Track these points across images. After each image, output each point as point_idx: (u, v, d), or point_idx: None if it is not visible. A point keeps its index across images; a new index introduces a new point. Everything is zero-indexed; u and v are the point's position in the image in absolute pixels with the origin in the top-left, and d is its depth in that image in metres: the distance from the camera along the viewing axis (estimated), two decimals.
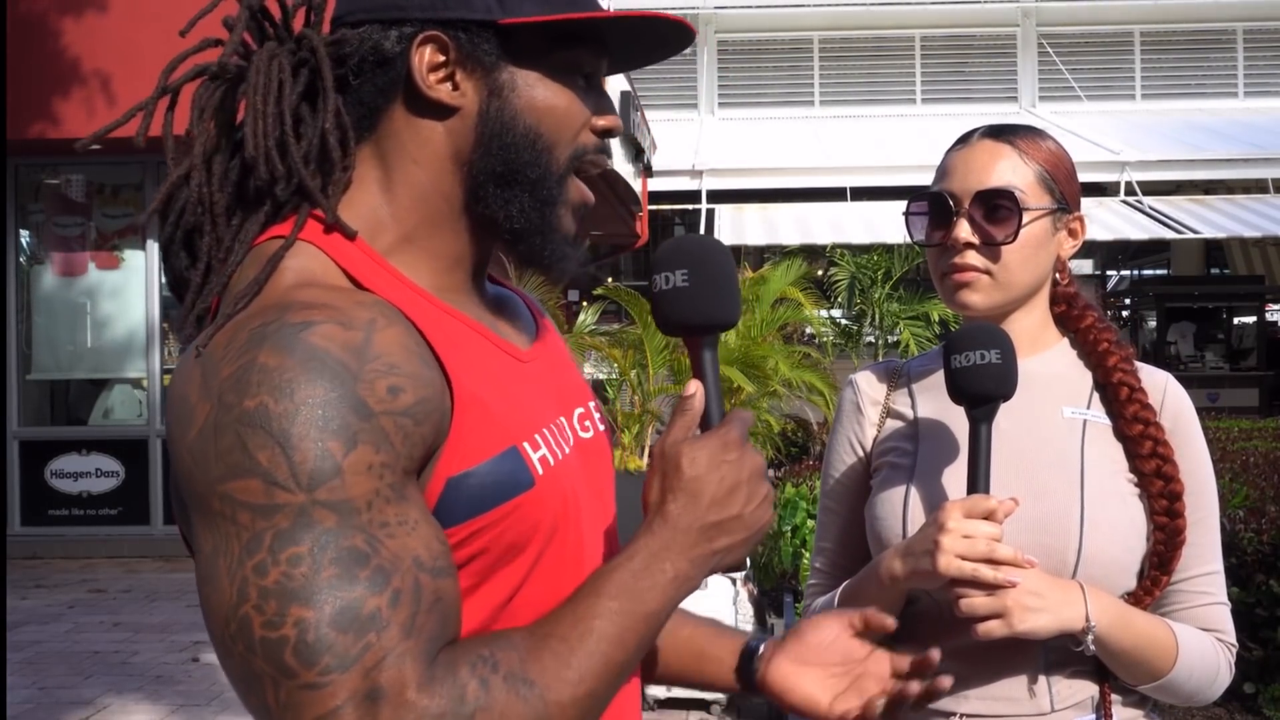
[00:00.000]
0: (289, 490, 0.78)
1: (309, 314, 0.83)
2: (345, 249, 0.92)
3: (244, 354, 0.81)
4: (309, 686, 0.76)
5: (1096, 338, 1.43)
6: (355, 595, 0.77)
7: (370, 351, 0.82)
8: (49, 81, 7.60)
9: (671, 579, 0.89)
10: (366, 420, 0.80)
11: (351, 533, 0.78)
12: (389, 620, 0.78)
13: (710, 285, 0.97)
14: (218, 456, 0.79)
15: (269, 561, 0.77)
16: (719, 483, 0.90)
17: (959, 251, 1.37)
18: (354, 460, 0.79)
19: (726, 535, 0.91)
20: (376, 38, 0.93)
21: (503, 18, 0.93)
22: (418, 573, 0.80)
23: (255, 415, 0.78)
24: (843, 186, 10.35)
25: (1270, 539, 3.90)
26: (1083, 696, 1.34)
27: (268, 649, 0.76)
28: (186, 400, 0.83)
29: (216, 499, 0.79)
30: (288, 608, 0.76)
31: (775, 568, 5.09)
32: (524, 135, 0.95)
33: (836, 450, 1.53)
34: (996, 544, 1.22)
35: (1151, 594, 1.34)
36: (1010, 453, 1.36)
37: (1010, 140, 1.40)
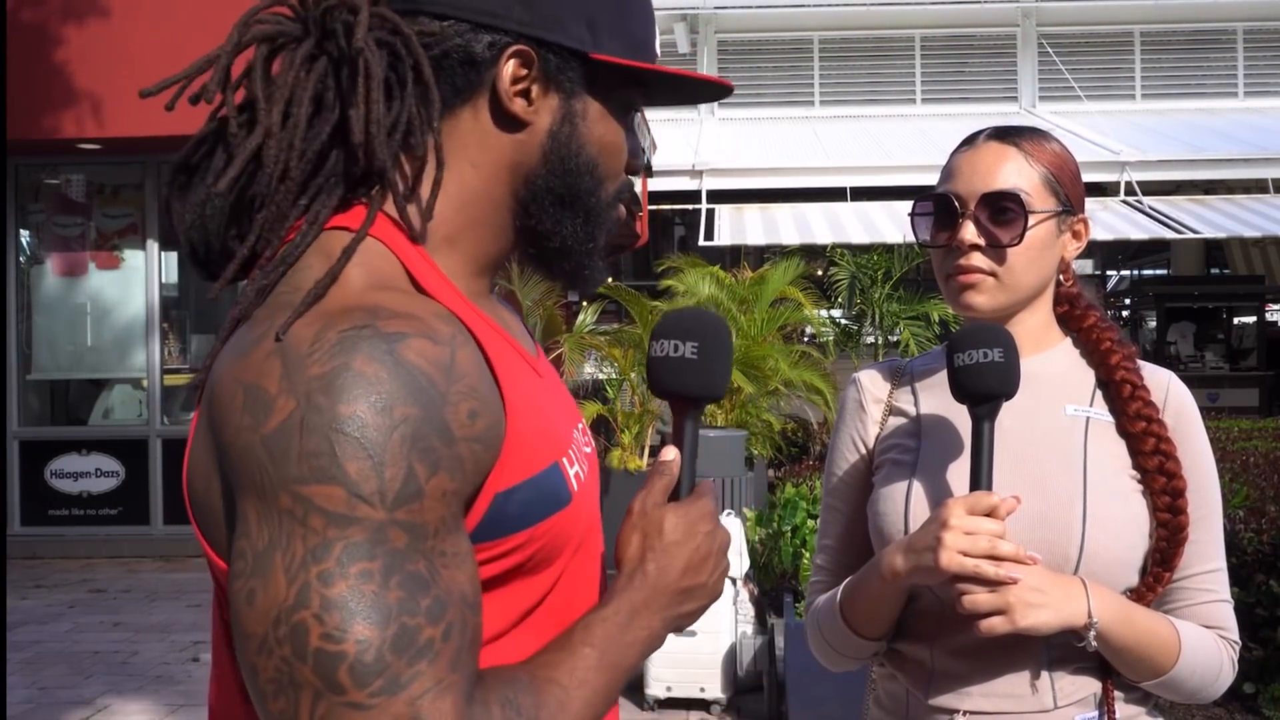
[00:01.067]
0: (371, 505, 0.77)
1: (400, 325, 0.82)
2: (407, 249, 0.92)
3: (336, 357, 0.79)
4: (356, 706, 0.75)
5: (1099, 337, 1.43)
6: (415, 623, 0.77)
7: (455, 371, 0.83)
8: (49, 81, 7.60)
9: (646, 638, 0.94)
10: (449, 446, 0.81)
11: (417, 557, 0.78)
12: (440, 652, 0.78)
13: (715, 362, 1.03)
14: (301, 457, 0.77)
15: (337, 572, 0.76)
16: (694, 551, 0.96)
17: (964, 253, 1.38)
18: (435, 485, 0.80)
19: (692, 601, 0.97)
20: (467, 39, 0.93)
21: (594, 51, 0.96)
22: (463, 608, 0.81)
23: (350, 423, 0.77)
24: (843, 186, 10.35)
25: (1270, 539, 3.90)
26: (1085, 693, 1.34)
27: (321, 661, 0.75)
28: (262, 391, 0.80)
29: (289, 496, 0.77)
30: (351, 624, 0.75)
31: (775, 568, 5.09)
32: (587, 163, 0.98)
33: (839, 448, 1.54)
34: (999, 540, 1.22)
35: (1154, 591, 1.35)
36: (1013, 450, 1.37)
37: (1016, 142, 1.40)
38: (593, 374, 8.06)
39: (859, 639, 1.42)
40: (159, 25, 7.70)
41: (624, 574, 0.96)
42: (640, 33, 1.01)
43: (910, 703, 1.40)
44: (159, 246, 8.39)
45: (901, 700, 1.42)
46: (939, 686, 1.37)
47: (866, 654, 1.45)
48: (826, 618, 1.46)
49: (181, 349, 8.77)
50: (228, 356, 0.85)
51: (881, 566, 1.33)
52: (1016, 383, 1.27)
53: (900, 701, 1.42)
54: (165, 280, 8.63)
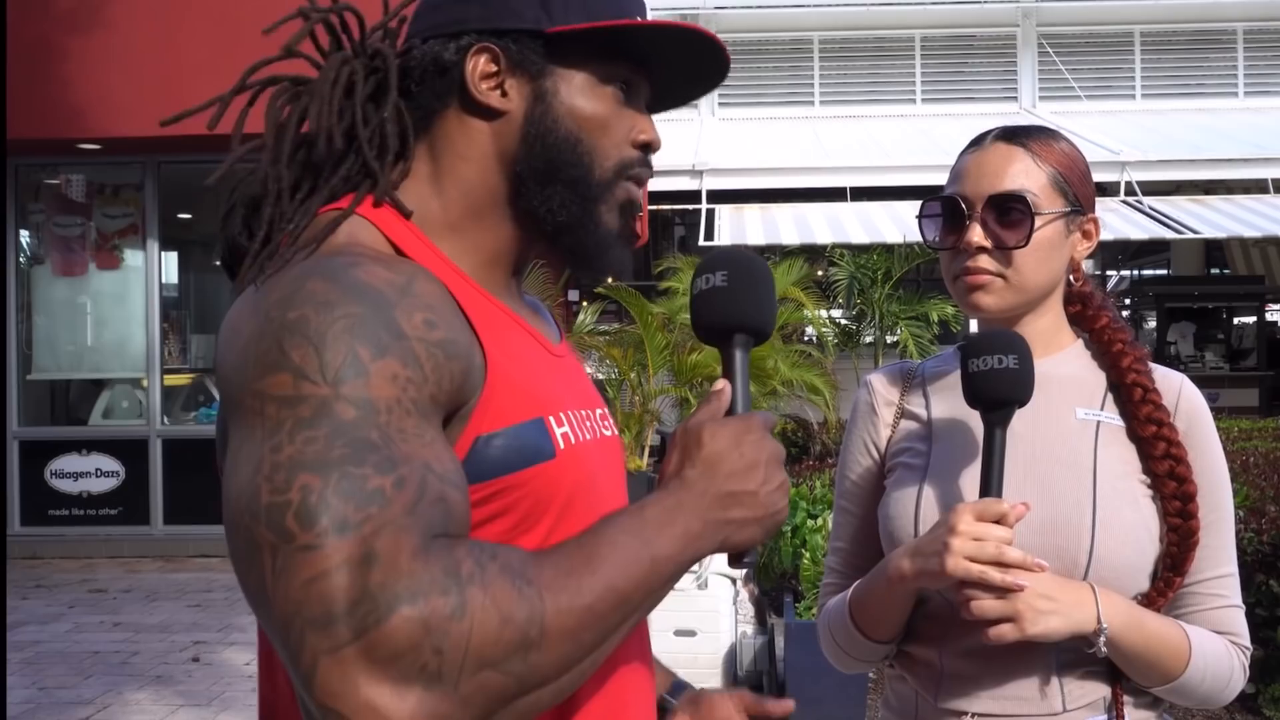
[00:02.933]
0: (315, 383, 0.81)
1: (358, 257, 0.90)
2: (395, 225, 0.99)
3: (294, 282, 0.86)
4: (305, 548, 0.76)
5: (1111, 338, 1.43)
6: (361, 472, 0.79)
7: (411, 291, 0.89)
8: (49, 81, 7.60)
9: (683, 533, 0.89)
10: (398, 340, 0.85)
11: (368, 428, 0.81)
12: (392, 498, 0.79)
13: (746, 289, 1.01)
14: (256, 359, 0.83)
15: (285, 441, 0.80)
16: (739, 458, 0.93)
17: (971, 255, 1.37)
18: (380, 367, 0.83)
19: (741, 507, 0.92)
20: (438, 49, 1.02)
21: (549, 27, 1.01)
22: (425, 473, 0.82)
23: (296, 323, 0.83)
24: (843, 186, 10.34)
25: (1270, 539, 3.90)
26: (1094, 697, 1.33)
27: (271, 514, 0.78)
28: (237, 323, 0.88)
29: (250, 396, 0.83)
30: (295, 475, 0.78)
31: (775, 568, 5.09)
32: (565, 137, 1.02)
33: (851, 451, 1.53)
34: (1006, 547, 1.22)
35: (1165, 595, 1.34)
36: (1023, 454, 1.36)
37: (1023, 143, 1.39)
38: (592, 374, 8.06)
39: (868, 641, 1.42)
40: (159, 26, 7.70)
41: (662, 483, 0.94)
42: (609, 5, 1.03)
43: (919, 704, 1.40)
44: (159, 246, 8.39)
45: (910, 702, 1.42)
46: (948, 689, 1.37)
47: (876, 657, 1.45)
48: (837, 620, 1.46)
49: (181, 349, 8.77)
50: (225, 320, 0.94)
51: (889, 570, 1.33)
52: (1030, 390, 1.27)
53: (909, 703, 1.42)
54: (165, 280, 8.63)
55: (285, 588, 0.76)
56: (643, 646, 1.09)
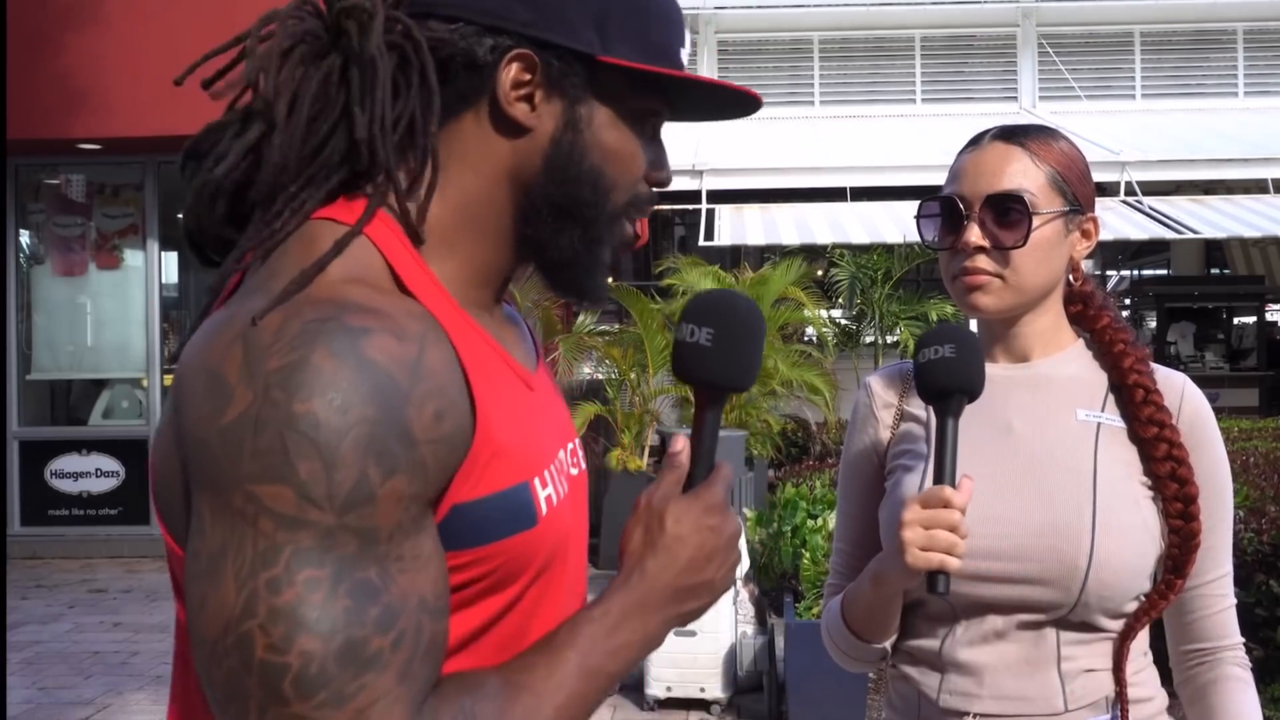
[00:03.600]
0: (320, 509, 0.75)
1: (366, 319, 0.80)
2: (394, 246, 0.90)
3: (295, 349, 0.77)
4: (300, 718, 0.74)
5: (1112, 339, 1.42)
6: (363, 634, 0.76)
7: (421, 370, 0.81)
8: (49, 81, 7.60)
9: (640, 640, 0.91)
10: (409, 449, 0.79)
11: (368, 564, 0.77)
12: (388, 663, 0.76)
13: (730, 351, 0.97)
14: (254, 454, 0.75)
15: (284, 579, 0.74)
16: (698, 547, 0.92)
17: (969, 255, 1.37)
18: (389, 490, 0.77)
19: (694, 599, 0.94)
20: (471, 42, 0.91)
21: (602, 54, 0.92)
22: (420, 614, 0.79)
23: (303, 421, 0.75)
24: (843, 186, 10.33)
25: (1270, 539, 3.90)
26: (1097, 696, 1.34)
27: (266, 672, 0.74)
28: (222, 380, 0.78)
29: (241, 496, 0.76)
30: (296, 636, 0.74)
31: (775, 568, 5.09)
32: (589, 173, 0.94)
33: (851, 453, 1.53)
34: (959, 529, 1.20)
35: (1166, 598, 1.35)
36: (1023, 457, 1.36)
37: (1021, 142, 1.39)
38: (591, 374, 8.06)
39: (862, 643, 1.42)
40: (159, 25, 7.70)
41: (623, 571, 0.93)
42: (660, 38, 0.95)
43: (921, 704, 1.40)
44: (159, 246, 8.39)
45: (913, 701, 1.42)
46: (950, 688, 1.37)
47: (873, 658, 1.45)
48: (833, 622, 1.47)
49: (181, 349, 8.76)
50: (197, 340, 0.84)
51: (872, 572, 1.35)
52: (976, 381, 1.25)
53: (911, 703, 1.42)
54: (165, 280, 8.63)
55: None
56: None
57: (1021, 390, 1.41)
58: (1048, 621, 1.33)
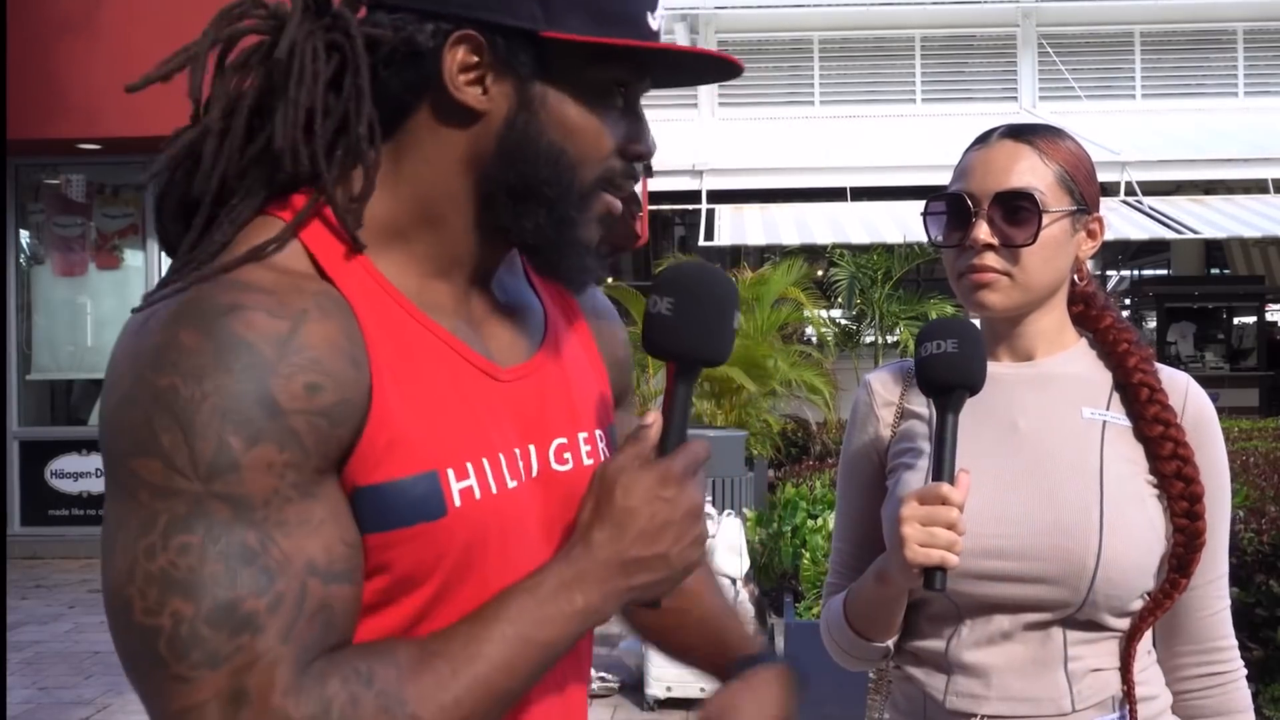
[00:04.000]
0: (186, 477, 0.77)
1: (238, 295, 0.81)
2: (323, 237, 0.88)
3: (167, 328, 0.80)
4: (177, 679, 0.76)
5: (1116, 338, 1.42)
6: (235, 595, 0.76)
7: (294, 344, 0.80)
8: (49, 81, 7.60)
9: (579, 610, 0.87)
10: (274, 419, 0.79)
11: (244, 529, 0.77)
12: (265, 624, 0.77)
13: (693, 319, 0.95)
14: (128, 429, 0.79)
15: (159, 546, 0.77)
16: (650, 518, 0.89)
17: (978, 253, 1.36)
18: (254, 457, 0.78)
19: (647, 572, 0.89)
20: (411, 29, 0.88)
21: (545, 30, 0.87)
22: (307, 577, 0.79)
23: (165, 395, 0.77)
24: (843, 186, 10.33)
25: (1270, 539, 3.90)
26: (1104, 696, 1.33)
27: (143, 635, 0.76)
28: (116, 366, 0.82)
29: (124, 471, 0.79)
30: (167, 598, 0.76)
31: (775, 568, 5.09)
32: (546, 152, 0.90)
33: (852, 452, 1.53)
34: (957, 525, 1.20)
35: (1171, 597, 1.34)
36: (1029, 454, 1.36)
37: (1030, 140, 1.39)
38: None
39: (864, 642, 1.42)
40: (159, 26, 7.70)
41: (570, 541, 0.90)
42: (616, 5, 0.90)
43: (927, 705, 1.40)
44: (159, 246, 8.35)
45: (919, 703, 1.41)
46: (956, 690, 1.36)
47: (875, 657, 1.45)
48: (835, 621, 1.46)
49: None
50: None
51: (875, 571, 1.35)
52: (977, 376, 1.24)
53: (917, 704, 1.42)
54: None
55: (161, 710, 0.77)
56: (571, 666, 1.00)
57: (1026, 389, 1.41)
58: (1054, 621, 1.33)
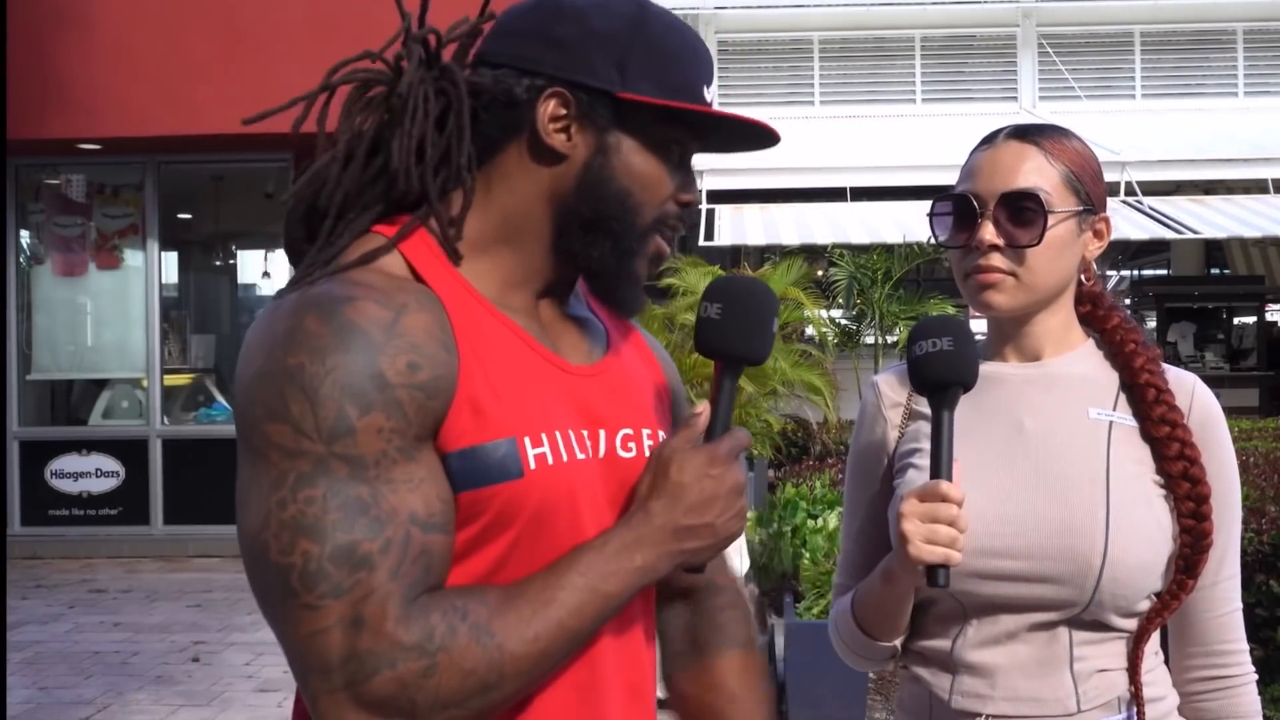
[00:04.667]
0: (312, 440, 0.93)
1: (351, 290, 0.99)
2: (420, 250, 1.07)
3: (293, 316, 0.97)
4: (307, 606, 0.92)
5: (1123, 338, 1.42)
6: (353, 539, 0.93)
7: (397, 329, 0.97)
8: (49, 81, 7.59)
9: (638, 568, 1.03)
10: (382, 391, 0.95)
11: (358, 485, 0.94)
12: (378, 563, 0.93)
13: (739, 323, 1.11)
14: (262, 400, 0.95)
15: (289, 498, 0.93)
16: (700, 492, 1.05)
17: (983, 253, 1.37)
18: (367, 424, 0.94)
19: (695, 539, 1.05)
20: (510, 83, 1.08)
21: (620, 91, 1.07)
22: (410, 526, 0.95)
23: (293, 371, 0.94)
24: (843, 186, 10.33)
25: (1270, 539, 3.90)
26: (1110, 696, 1.34)
27: (279, 572, 0.93)
28: (251, 346, 0.99)
29: (257, 435, 0.95)
30: (298, 540, 0.92)
31: (775, 568, 5.09)
32: (616, 193, 1.09)
33: (858, 453, 1.53)
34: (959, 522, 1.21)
35: (1178, 598, 1.35)
36: (1036, 455, 1.36)
37: (1036, 141, 1.39)
38: None
39: (872, 642, 1.42)
40: (160, 25, 7.69)
41: (630, 509, 1.06)
42: (679, 78, 1.09)
43: (933, 705, 1.40)
44: (159, 246, 8.39)
45: (924, 702, 1.41)
46: (961, 689, 1.37)
47: (883, 657, 1.45)
48: (843, 621, 1.47)
49: (181, 349, 8.77)
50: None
51: (882, 570, 1.35)
52: (971, 373, 1.25)
53: (923, 704, 1.42)
54: (165, 280, 8.63)
55: (293, 634, 0.93)
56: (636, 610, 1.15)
57: (1033, 389, 1.41)
58: (1060, 621, 1.33)
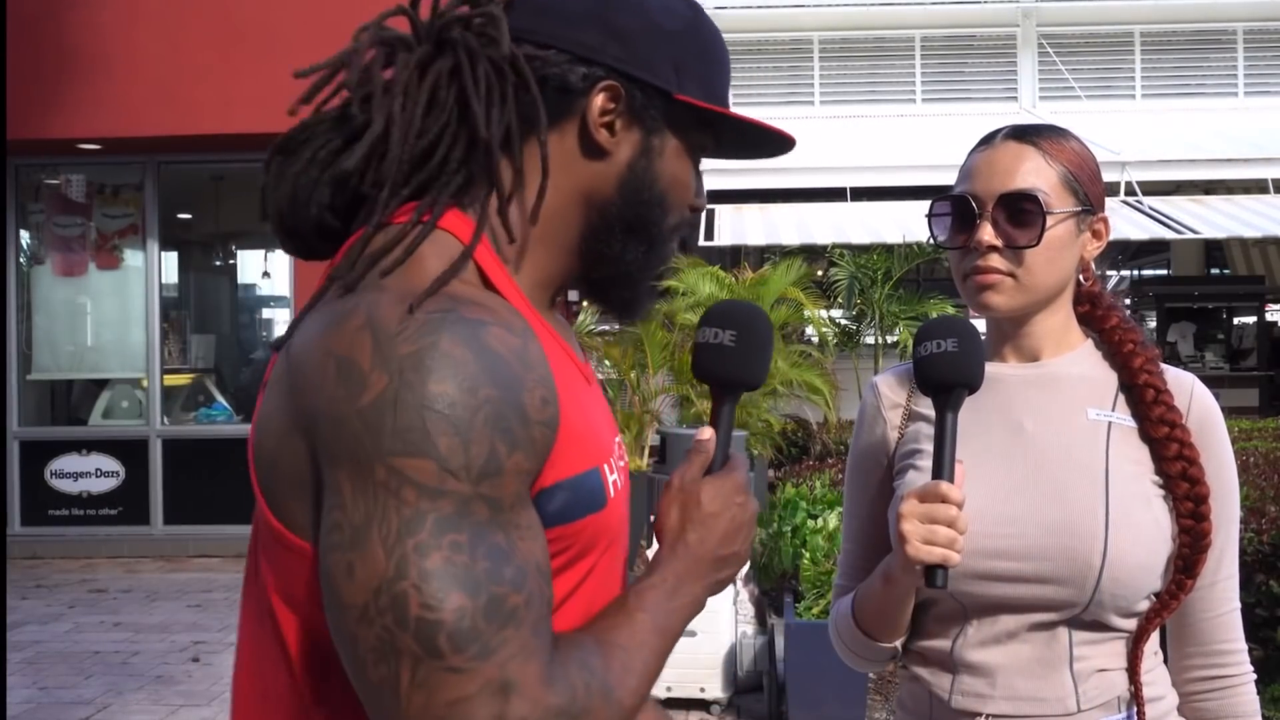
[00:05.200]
0: (459, 479, 0.82)
1: (479, 313, 0.88)
2: (483, 252, 0.97)
3: (424, 336, 0.84)
4: (453, 670, 0.80)
5: (1122, 338, 1.42)
6: (502, 591, 0.83)
7: (529, 359, 0.89)
8: (49, 81, 7.60)
9: (692, 602, 1.01)
10: (526, 428, 0.87)
11: (497, 530, 0.84)
12: (524, 619, 0.84)
13: (750, 351, 1.09)
14: (395, 431, 0.82)
15: (431, 544, 0.81)
16: (730, 520, 1.04)
17: (982, 254, 1.37)
18: (514, 464, 0.86)
19: (728, 567, 1.04)
20: (565, 68, 1.00)
21: (678, 92, 1.03)
22: (539, 577, 0.87)
23: (439, 401, 0.82)
24: (843, 186, 10.34)
25: (1270, 539, 3.90)
26: (1109, 696, 1.34)
27: (421, 628, 0.80)
28: (355, 365, 0.84)
29: (384, 469, 0.82)
30: (449, 593, 0.80)
31: (775, 568, 5.09)
32: (659, 196, 1.05)
33: (858, 454, 1.53)
34: (958, 522, 1.21)
35: (1177, 598, 1.35)
36: (1034, 455, 1.36)
37: (1034, 141, 1.39)
38: None
39: (872, 643, 1.43)
40: (160, 25, 7.69)
41: (666, 545, 1.03)
42: (720, 86, 1.07)
43: (933, 705, 1.40)
44: (159, 246, 8.38)
45: (924, 702, 1.42)
46: (961, 689, 1.37)
47: (883, 657, 1.45)
48: (843, 622, 1.47)
49: (181, 349, 8.77)
50: (314, 327, 0.90)
51: (882, 571, 1.35)
52: (976, 374, 1.25)
53: (923, 703, 1.42)
54: (165, 280, 8.63)
55: (426, 702, 0.80)
56: None
57: (1032, 390, 1.41)
58: (1060, 621, 1.33)
